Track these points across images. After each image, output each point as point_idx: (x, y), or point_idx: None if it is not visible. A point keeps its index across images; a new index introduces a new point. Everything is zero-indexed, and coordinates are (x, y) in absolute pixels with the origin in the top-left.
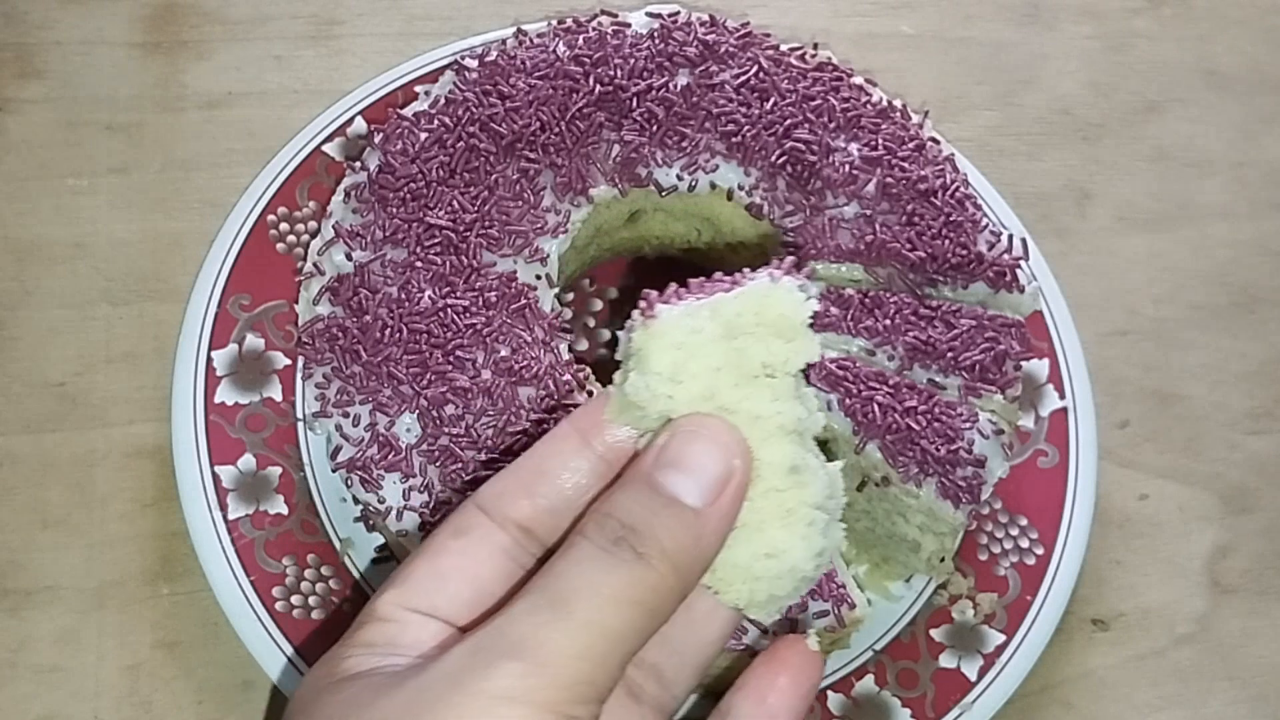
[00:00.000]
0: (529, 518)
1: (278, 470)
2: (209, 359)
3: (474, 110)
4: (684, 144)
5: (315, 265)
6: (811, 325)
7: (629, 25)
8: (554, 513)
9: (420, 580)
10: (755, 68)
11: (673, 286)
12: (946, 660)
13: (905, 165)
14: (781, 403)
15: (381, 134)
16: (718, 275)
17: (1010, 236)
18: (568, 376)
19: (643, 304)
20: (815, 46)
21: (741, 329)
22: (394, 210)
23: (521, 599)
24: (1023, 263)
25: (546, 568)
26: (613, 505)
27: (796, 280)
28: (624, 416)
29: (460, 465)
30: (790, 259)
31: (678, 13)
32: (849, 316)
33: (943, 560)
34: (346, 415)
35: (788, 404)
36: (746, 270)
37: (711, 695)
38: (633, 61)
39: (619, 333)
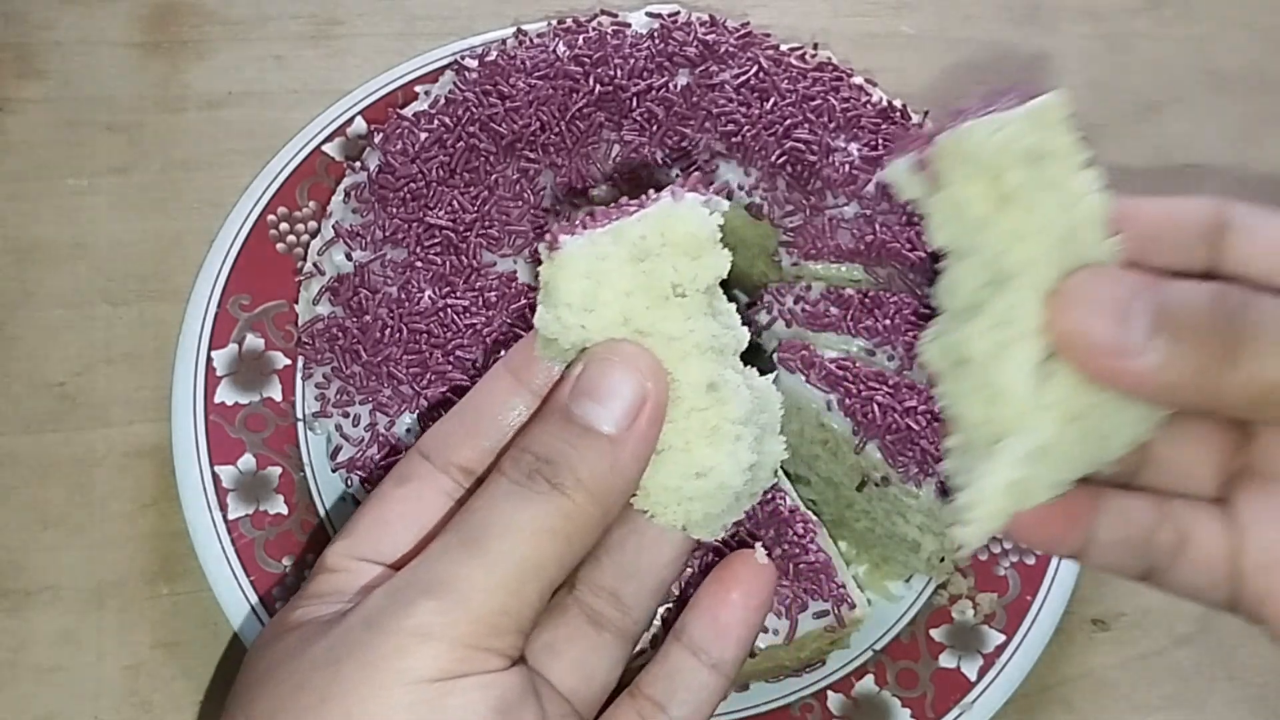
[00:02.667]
0: (471, 459)
1: (278, 470)
2: (209, 359)
3: (474, 110)
4: (684, 144)
5: (315, 265)
6: (723, 241)
7: (629, 25)
8: (494, 452)
9: (366, 529)
10: (755, 68)
11: (579, 215)
12: (946, 660)
13: None
14: (694, 321)
15: (381, 134)
16: (624, 200)
17: None
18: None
19: (547, 236)
20: (815, 46)
21: (648, 251)
22: (394, 210)
23: (439, 539)
24: None
25: (466, 506)
26: (529, 439)
27: (700, 196)
28: (547, 351)
29: None
30: (695, 174)
31: (678, 13)
32: (849, 316)
33: (943, 560)
34: (346, 415)
35: (701, 322)
36: (652, 192)
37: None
38: (633, 61)
39: None
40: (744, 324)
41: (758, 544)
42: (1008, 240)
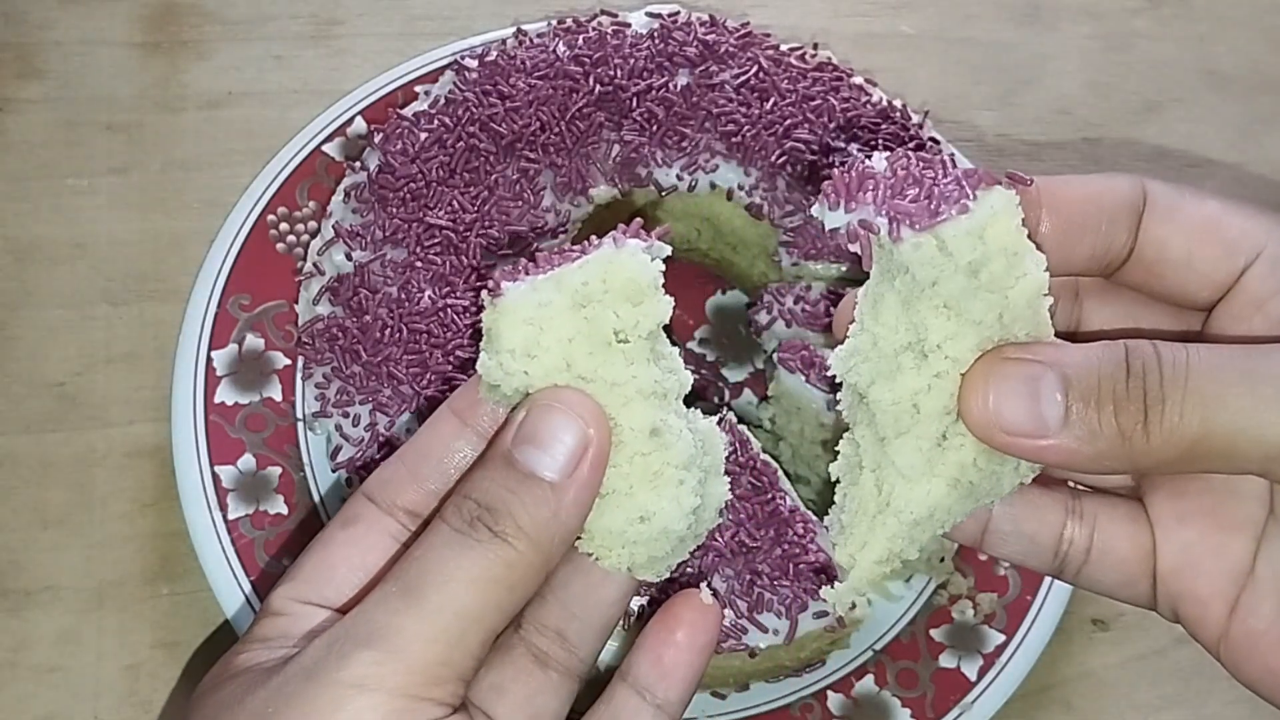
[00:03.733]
0: (415, 502)
1: (278, 470)
2: (209, 359)
3: (474, 110)
4: (684, 144)
5: (315, 265)
6: (664, 285)
7: (629, 25)
8: (439, 495)
9: (310, 572)
10: (755, 68)
11: (521, 262)
12: (946, 660)
13: None
14: (636, 367)
15: (381, 134)
16: (566, 247)
17: None
18: None
19: (490, 283)
20: (815, 46)
21: (590, 297)
22: (394, 210)
23: (380, 587)
24: None
25: (407, 554)
26: (470, 486)
27: (642, 242)
28: (491, 396)
29: None
30: (637, 221)
31: (678, 13)
32: None
33: (942, 560)
34: (346, 415)
35: (643, 368)
36: (594, 238)
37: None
38: (633, 61)
39: None
40: (688, 366)
41: (702, 584)
42: (933, 319)
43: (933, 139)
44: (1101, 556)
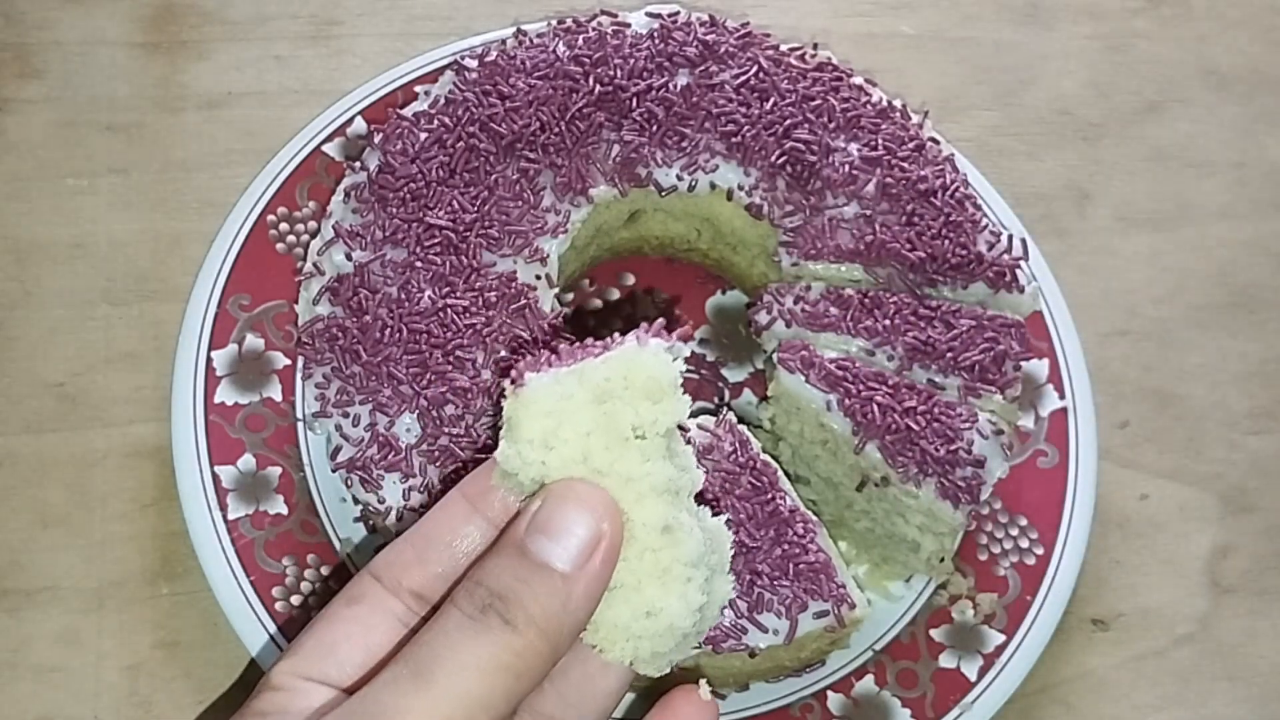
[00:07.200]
0: (421, 584)
1: (278, 470)
2: (209, 359)
3: (474, 110)
4: (684, 144)
5: (315, 265)
6: (684, 387)
7: (629, 25)
8: (446, 578)
9: (313, 648)
10: (755, 68)
11: (544, 354)
12: (946, 660)
13: (905, 165)
14: (652, 463)
15: (381, 134)
16: (589, 341)
17: (1010, 237)
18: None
19: (513, 373)
20: (815, 46)
21: (610, 393)
22: (394, 210)
23: (389, 669)
24: (1022, 263)
25: (417, 637)
26: (483, 573)
27: (664, 342)
28: (505, 483)
29: (460, 465)
30: (659, 321)
31: (678, 13)
32: (849, 316)
33: (942, 560)
34: (346, 415)
35: (658, 464)
36: (617, 335)
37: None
38: (633, 61)
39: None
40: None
41: (701, 680)
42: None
43: (933, 139)
44: None
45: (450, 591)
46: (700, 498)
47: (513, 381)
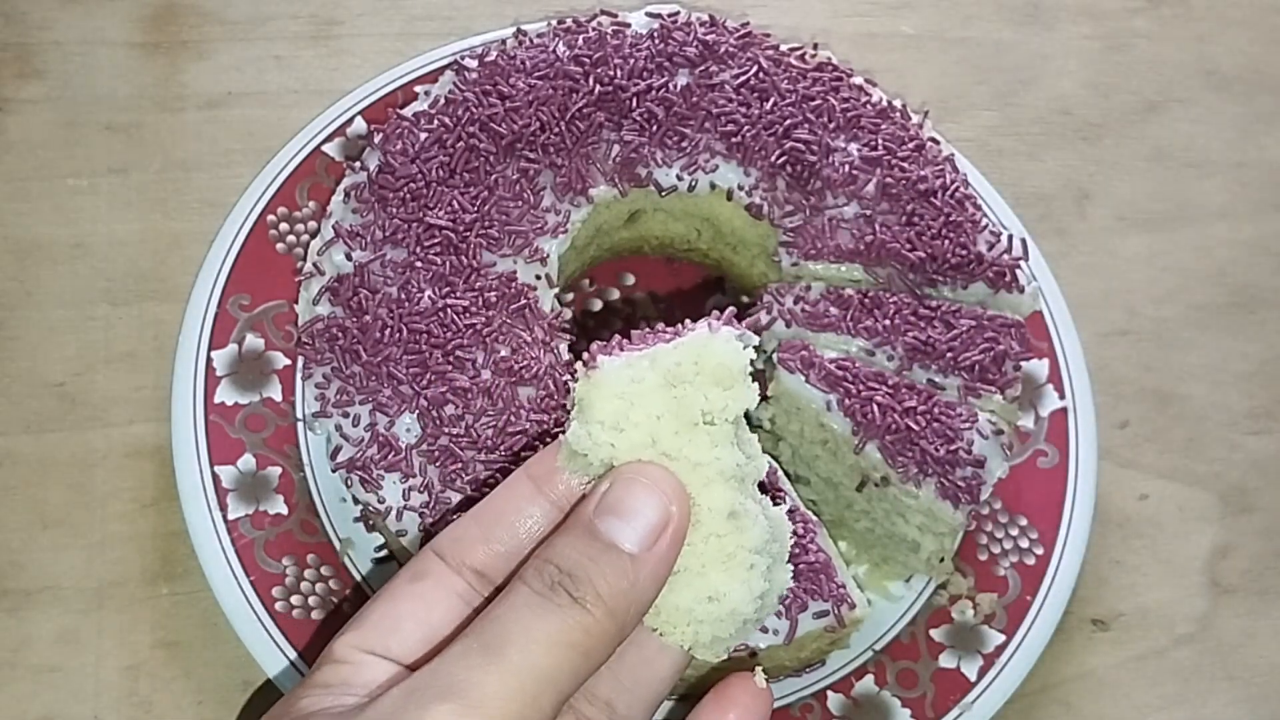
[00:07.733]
0: (484, 563)
1: (278, 470)
2: (209, 359)
3: (474, 110)
4: (684, 144)
5: (315, 265)
6: (752, 373)
7: (629, 25)
8: (508, 558)
9: (376, 623)
10: (755, 68)
11: (615, 338)
12: (946, 660)
13: (905, 165)
14: (720, 449)
15: (381, 134)
16: (660, 326)
17: (1010, 236)
18: (567, 377)
19: (586, 356)
20: (815, 46)
21: (681, 378)
22: (394, 210)
23: (458, 642)
24: (1022, 263)
25: (486, 612)
26: (552, 551)
27: (735, 330)
28: (571, 464)
29: (460, 465)
30: (730, 309)
31: (678, 13)
32: (849, 316)
33: (942, 560)
34: (346, 415)
35: (726, 451)
36: (688, 321)
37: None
38: (632, 61)
39: (619, 334)
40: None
41: (758, 668)
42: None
43: (933, 139)
44: None
45: (513, 572)
46: (762, 487)
47: (585, 363)
